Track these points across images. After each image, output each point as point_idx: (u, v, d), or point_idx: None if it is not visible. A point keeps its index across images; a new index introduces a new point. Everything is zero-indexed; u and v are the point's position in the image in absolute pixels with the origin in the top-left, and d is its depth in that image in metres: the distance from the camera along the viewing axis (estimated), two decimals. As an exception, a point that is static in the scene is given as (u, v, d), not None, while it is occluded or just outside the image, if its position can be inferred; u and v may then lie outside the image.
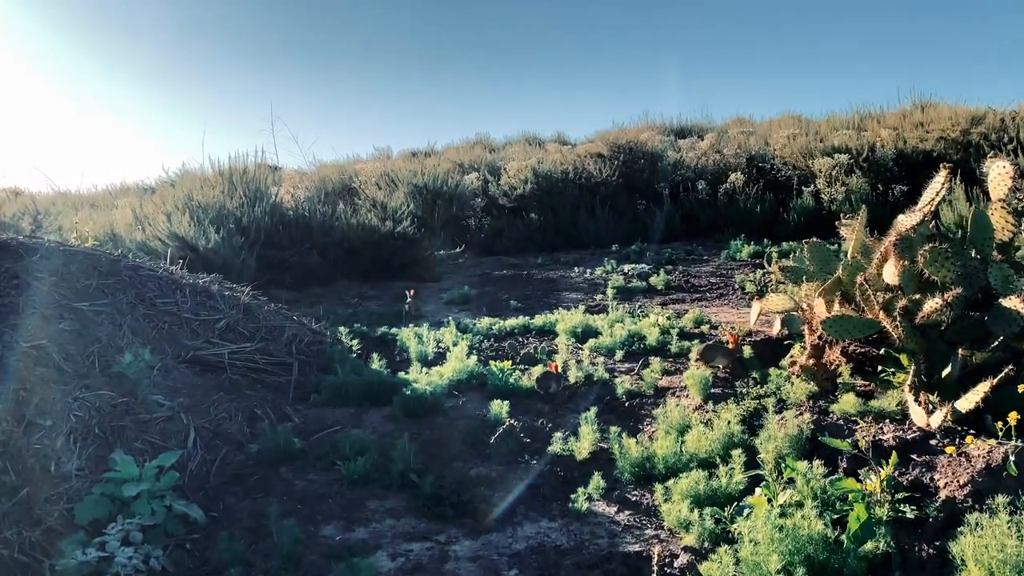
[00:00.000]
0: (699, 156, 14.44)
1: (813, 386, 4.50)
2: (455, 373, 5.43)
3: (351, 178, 14.66)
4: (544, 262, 11.16)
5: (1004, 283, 3.74)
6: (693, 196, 12.86)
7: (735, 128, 18.44)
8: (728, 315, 7.16)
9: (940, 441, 3.49)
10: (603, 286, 8.88)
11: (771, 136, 15.13)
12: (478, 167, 15.04)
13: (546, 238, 12.60)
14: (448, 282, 9.98)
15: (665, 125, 19.38)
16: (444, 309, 8.32)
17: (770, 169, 13.23)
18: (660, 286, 8.54)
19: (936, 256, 3.81)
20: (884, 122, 14.03)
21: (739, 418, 4.15)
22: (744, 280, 8.57)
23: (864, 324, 4.12)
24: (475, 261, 11.80)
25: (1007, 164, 4.04)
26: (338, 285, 10.00)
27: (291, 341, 5.83)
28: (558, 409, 5.04)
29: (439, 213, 12.54)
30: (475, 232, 12.75)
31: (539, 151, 16.76)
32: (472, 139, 22.48)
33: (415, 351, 6.09)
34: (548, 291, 8.97)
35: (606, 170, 13.57)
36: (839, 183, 11.81)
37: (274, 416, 4.91)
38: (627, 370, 5.59)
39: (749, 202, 12.17)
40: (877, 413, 4.03)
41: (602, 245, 12.30)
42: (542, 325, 6.95)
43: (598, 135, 16.99)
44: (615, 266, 9.90)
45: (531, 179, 13.27)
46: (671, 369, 5.49)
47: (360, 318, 7.85)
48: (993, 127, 11.48)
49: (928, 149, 11.76)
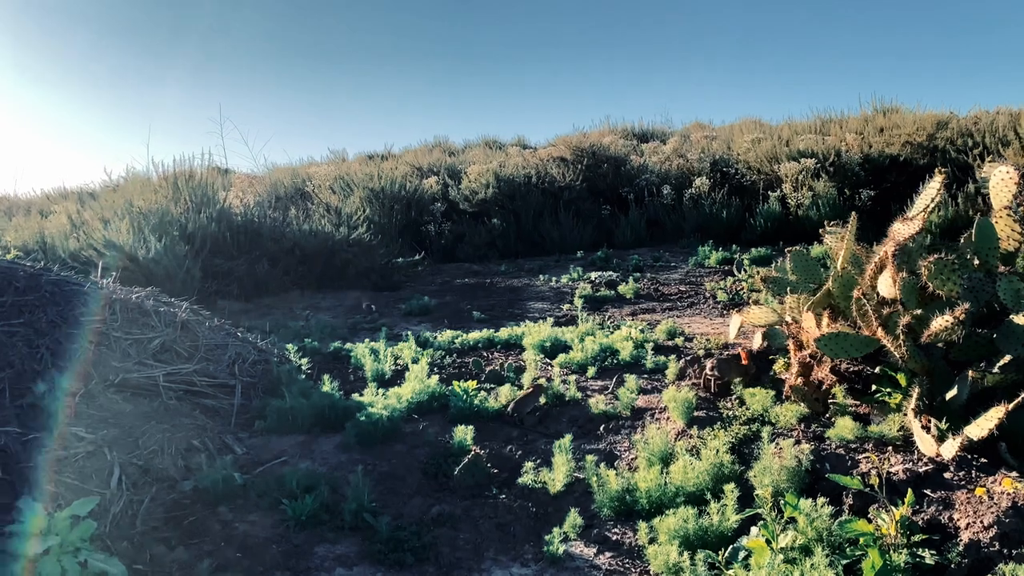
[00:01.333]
0: (663, 160, 14.17)
1: (804, 408, 4.15)
2: (415, 394, 4.98)
3: (304, 182, 14.07)
4: (507, 269, 10.74)
5: (1015, 297, 3.42)
6: (658, 201, 12.56)
7: (696, 132, 18.24)
8: (701, 326, 6.82)
9: (955, 474, 3.15)
10: (570, 295, 8.49)
11: (734, 141, 14.93)
12: (437, 171, 14.56)
13: (509, 244, 12.18)
14: (407, 291, 9.50)
15: (627, 129, 19.10)
16: (402, 321, 7.84)
17: (735, 174, 13.00)
18: (629, 295, 8.18)
19: (942, 268, 3.48)
20: (846, 127, 13.91)
21: (728, 446, 3.78)
22: (715, 288, 8.25)
23: (862, 342, 3.77)
24: (435, 268, 11.33)
25: (1010, 169, 3.73)
26: (290, 295, 9.45)
27: (234, 361, 5.32)
28: (528, 434, 4.62)
29: (397, 218, 12.04)
30: (435, 238, 12.27)
31: (500, 155, 16.35)
32: (431, 142, 21.99)
33: (371, 369, 5.62)
34: (513, 300, 8.55)
35: (569, 174, 13.21)
36: (805, 188, 11.61)
37: (213, 447, 4.40)
38: (601, 388, 5.19)
39: (715, 207, 11.91)
40: (877, 439, 3.68)
41: (566, 251, 11.93)
42: (508, 338, 6.52)
43: (559, 139, 16.64)
44: (581, 273, 9.52)
45: (493, 183, 12.84)
46: (648, 387, 5.11)
47: (312, 332, 7.34)
48: (958, 132, 11.38)
49: (894, 154, 11.63)
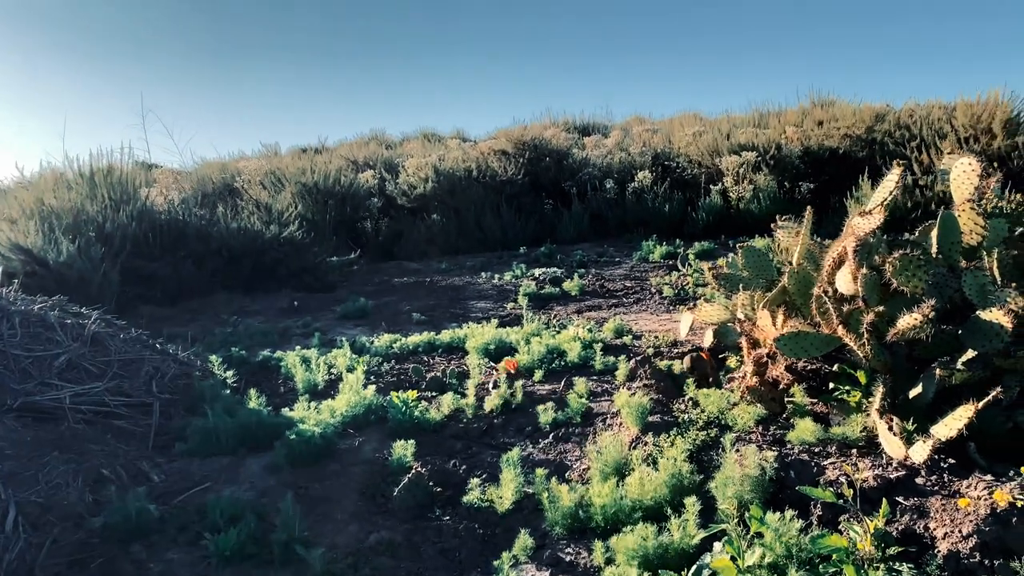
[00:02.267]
0: (605, 154, 14.00)
1: (761, 409, 3.95)
2: (350, 407, 4.63)
3: (234, 177, 13.46)
4: (448, 267, 10.40)
5: (981, 293, 3.27)
6: (601, 195, 12.38)
7: (636, 126, 18.17)
8: (648, 322, 6.62)
9: (927, 479, 2.97)
10: (514, 293, 8.21)
11: (674, 134, 14.87)
12: (374, 164, 14.12)
13: (449, 240, 11.84)
14: (342, 292, 9.09)
15: (568, 122, 18.93)
16: (337, 325, 7.45)
17: (676, 167, 12.90)
18: (574, 292, 7.94)
19: (907, 264, 3.30)
20: (784, 119, 13.97)
21: (687, 454, 3.54)
22: (660, 283, 8.08)
23: (823, 341, 3.58)
24: (372, 267, 10.92)
25: (972, 161, 3.58)
26: (217, 298, 8.94)
27: (152, 377, 4.89)
28: (473, 445, 4.32)
29: (331, 215, 11.57)
30: (372, 235, 11.84)
31: (439, 147, 15.98)
32: (367, 135, 21.46)
33: (302, 380, 5.24)
34: (454, 300, 8.23)
35: (511, 168, 12.93)
36: (746, 181, 11.56)
37: (127, 476, 3.98)
38: (549, 393, 4.93)
39: (658, 201, 11.78)
40: (840, 441, 3.50)
41: (509, 247, 11.65)
42: (450, 341, 6.20)
43: (500, 132, 16.34)
44: (525, 270, 9.25)
45: (432, 177, 12.47)
46: (598, 390, 4.86)
47: (240, 338, 6.90)
48: (895, 124, 11.48)
49: (833, 146, 11.67)
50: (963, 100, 10.56)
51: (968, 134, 10.17)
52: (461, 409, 4.67)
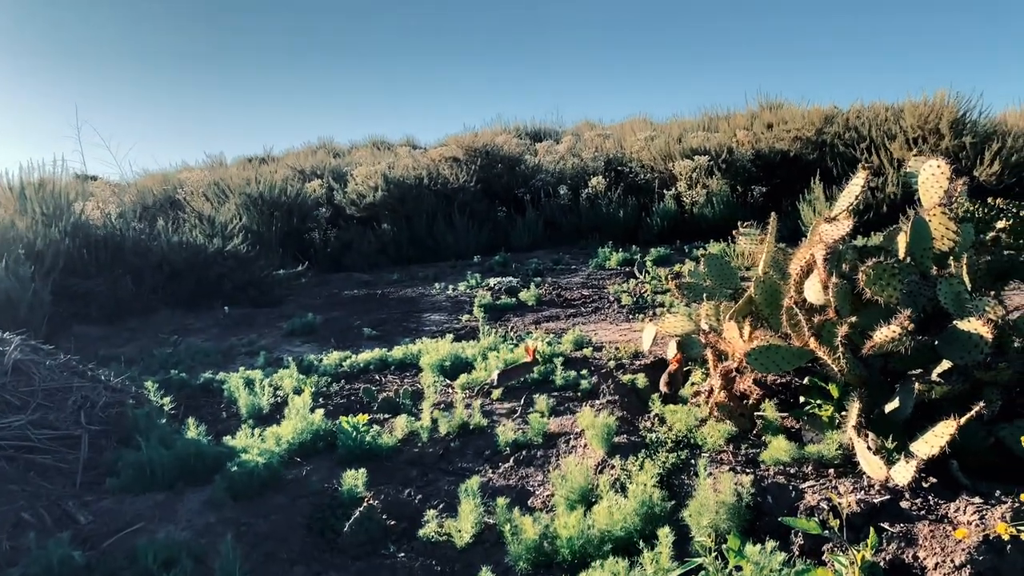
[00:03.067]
0: (557, 160, 13.85)
1: (731, 426, 3.78)
2: (296, 434, 4.34)
3: (176, 189, 12.96)
4: (400, 278, 10.11)
5: (956, 301, 3.14)
6: (555, 202, 12.22)
7: (587, 131, 18.10)
8: (608, 332, 6.44)
9: (912, 502, 2.82)
10: (469, 304, 7.97)
11: (625, 139, 14.81)
12: (321, 173, 13.74)
13: (401, 250, 11.55)
14: (289, 306, 8.74)
15: (519, 128, 18.76)
16: (284, 342, 7.11)
17: (629, 172, 12.82)
18: (531, 301, 7.74)
19: (881, 273, 3.15)
20: (733, 123, 13.99)
21: (657, 478, 3.34)
22: (619, 291, 7.92)
23: (795, 355, 3.42)
24: (321, 279, 10.56)
25: (941, 163, 3.46)
26: (158, 316, 8.52)
27: (81, 406, 4.52)
28: (428, 472, 4.07)
29: (278, 226, 11.19)
30: (320, 246, 11.48)
31: (389, 155, 15.66)
32: (315, 143, 21.02)
33: (246, 405, 4.93)
34: (407, 313, 7.95)
35: (463, 175, 12.69)
36: (700, 185, 11.52)
37: (50, 518, 3.63)
38: (508, 412, 4.70)
39: (612, 207, 11.66)
40: (816, 461, 3.34)
41: (462, 256, 11.41)
42: (403, 358, 5.93)
43: (450, 138, 16.10)
44: (480, 280, 9.02)
45: (382, 186, 12.16)
46: (560, 408, 4.64)
47: (181, 359, 6.53)
48: (844, 127, 11.55)
49: (784, 149, 11.70)
50: (910, 101, 10.67)
51: (917, 135, 10.26)
52: (416, 432, 4.42)
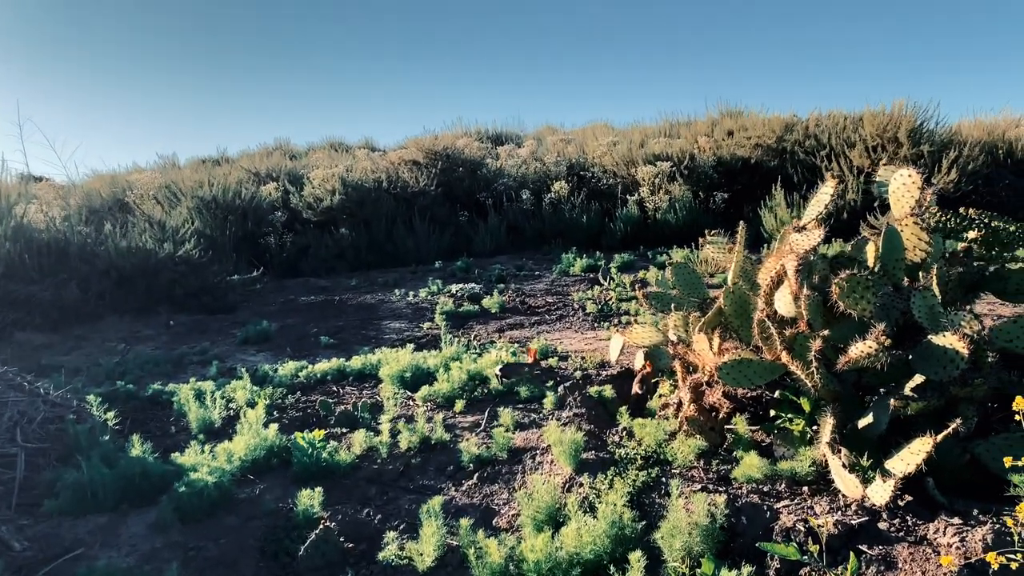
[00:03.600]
0: (520, 164, 13.74)
1: (701, 441, 3.68)
2: (249, 450, 4.13)
3: (125, 191, 12.54)
4: (359, 284, 9.88)
5: (931, 315, 3.07)
6: (517, 206, 12.10)
7: (549, 135, 18.03)
8: (573, 341, 6.33)
9: (890, 523, 2.73)
10: (430, 311, 7.79)
11: (587, 144, 14.76)
12: (277, 176, 13.43)
13: (359, 255, 11.31)
14: (244, 313, 8.46)
15: (480, 131, 18.61)
16: (238, 350, 6.86)
17: (592, 177, 12.75)
18: (494, 309, 7.59)
19: (855, 286, 3.07)
20: (695, 129, 14.04)
21: (627, 498, 3.21)
22: (583, 299, 7.82)
23: (767, 369, 3.33)
24: (277, 285, 10.28)
25: (912, 172, 3.40)
26: (105, 323, 8.20)
27: (17, 422, 4.25)
28: (388, 490, 3.89)
29: (232, 230, 10.87)
30: (276, 251, 11.19)
31: (347, 158, 15.39)
32: (271, 145, 20.61)
33: (196, 419, 4.70)
34: (366, 320, 7.75)
35: (423, 179, 12.49)
36: (662, 191, 11.50)
37: (-24, 544, 3.38)
38: (472, 426, 4.54)
39: (575, 212, 11.58)
40: (789, 478, 3.25)
41: (423, 261, 11.22)
42: (362, 368, 5.74)
43: (410, 141, 15.88)
44: (441, 286, 8.84)
45: (339, 189, 11.91)
46: (525, 421, 4.50)
47: (129, 369, 6.26)
48: (805, 134, 11.63)
49: (746, 156, 11.74)
50: (869, 110, 10.78)
51: (876, 143, 10.36)
52: (375, 448, 4.24)
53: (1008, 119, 11.92)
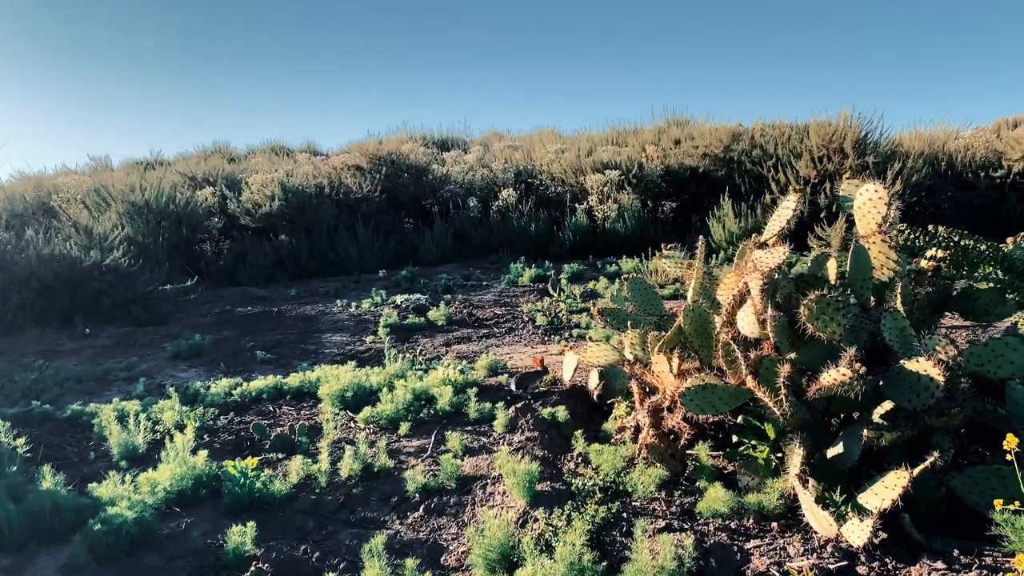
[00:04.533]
0: (467, 170, 13.50)
1: (662, 470, 3.50)
2: (175, 480, 3.80)
3: (51, 195, 11.89)
4: (299, 294, 9.50)
5: (901, 338, 2.94)
6: (464, 214, 11.85)
7: (495, 142, 17.84)
8: (524, 356, 6.11)
9: (869, 566, 2.57)
10: (373, 324, 7.49)
11: (535, 151, 14.61)
12: (214, 180, 12.92)
13: (300, 263, 10.92)
14: (176, 325, 8.03)
15: (426, 136, 18.31)
16: (168, 366, 6.46)
17: (540, 185, 12.59)
18: (441, 321, 7.33)
19: (824, 307, 2.92)
20: (641, 138, 14.01)
21: (586, 536, 3.00)
22: (533, 310, 7.62)
23: (732, 395, 3.16)
24: (213, 295, 9.83)
25: (879, 187, 3.28)
26: (24, 336, 7.67)
27: (-93, 450, 3.84)
28: (327, 523, 3.61)
29: (165, 237, 10.37)
30: (212, 259, 10.72)
31: (288, 162, 14.94)
32: (209, 148, 19.93)
33: (118, 444, 4.33)
34: (305, 333, 7.40)
35: (367, 184, 12.16)
36: (611, 200, 11.39)
37: None
38: (418, 450, 4.28)
39: (523, 220, 11.40)
40: (757, 512, 3.08)
41: (367, 270, 10.88)
42: (300, 386, 5.42)
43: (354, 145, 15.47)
44: (385, 297, 8.53)
45: (279, 194, 11.49)
46: (474, 445, 4.26)
47: (47, 386, 5.82)
48: (752, 144, 11.66)
49: (693, 166, 11.72)
50: (815, 121, 10.85)
51: (822, 154, 10.43)
52: (313, 476, 3.95)
53: (947, 131, 12.16)
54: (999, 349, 2.93)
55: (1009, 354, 2.90)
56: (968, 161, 10.82)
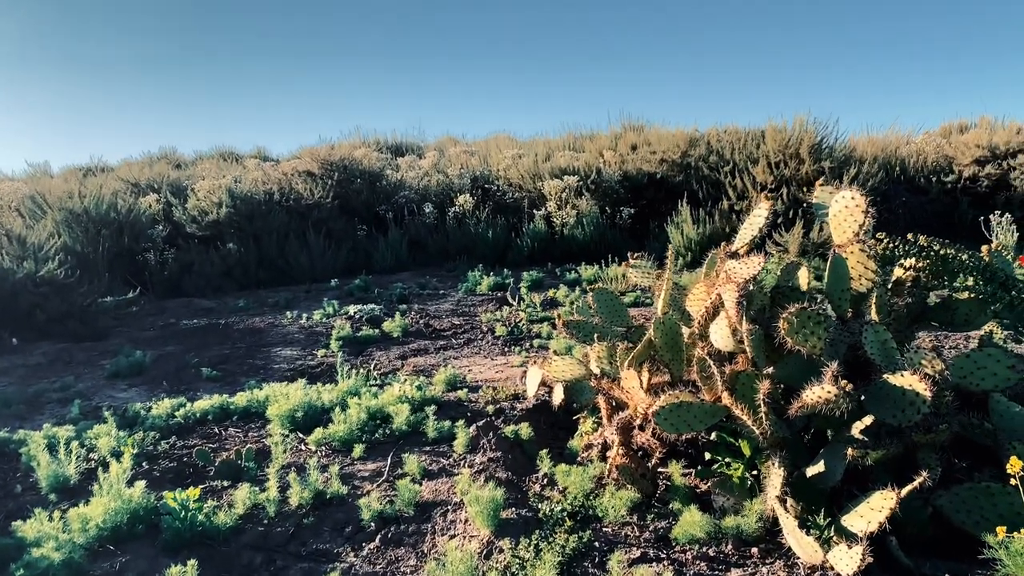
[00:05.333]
0: (421, 176, 13.24)
1: (634, 492, 3.32)
2: (109, 516, 3.49)
3: (-18, 203, 11.31)
4: (247, 305, 9.14)
5: (883, 351, 2.81)
6: (420, 220, 11.60)
7: (450, 147, 17.60)
8: (483, 368, 5.90)
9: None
10: (325, 336, 7.20)
11: (491, 156, 14.42)
12: (159, 187, 12.45)
13: (249, 273, 10.54)
14: (117, 340, 7.63)
15: (379, 141, 17.99)
16: (106, 385, 6.09)
17: (497, 191, 12.40)
18: (396, 333, 7.07)
19: (805, 321, 2.78)
20: (599, 143, 13.91)
21: (557, 568, 2.80)
22: (492, 320, 7.41)
23: (708, 413, 3.00)
24: (156, 307, 9.41)
25: (856, 195, 3.15)
26: (-50, 354, 7.21)
27: None
28: (276, 557, 3.35)
29: (105, 246, 9.91)
30: (156, 269, 10.28)
31: (237, 168, 14.51)
32: (155, 153, 19.32)
33: (47, 475, 4.00)
34: (254, 347, 7.08)
35: (319, 191, 11.82)
36: (569, 206, 11.25)
37: None
38: (373, 475, 4.03)
39: (480, 227, 11.19)
40: (735, 536, 2.92)
41: (319, 279, 10.55)
42: (247, 406, 5.13)
43: (305, 150, 15.09)
44: (337, 308, 8.24)
45: (227, 201, 11.10)
46: (434, 468, 4.03)
47: (-29, 410, 5.42)
48: (708, 149, 11.63)
49: (651, 171, 11.65)
50: (772, 126, 10.85)
51: (778, 159, 10.43)
52: (261, 506, 3.68)
53: (898, 136, 12.30)
54: (981, 361, 2.82)
55: (992, 366, 2.79)
56: (920, 166, 10.94)
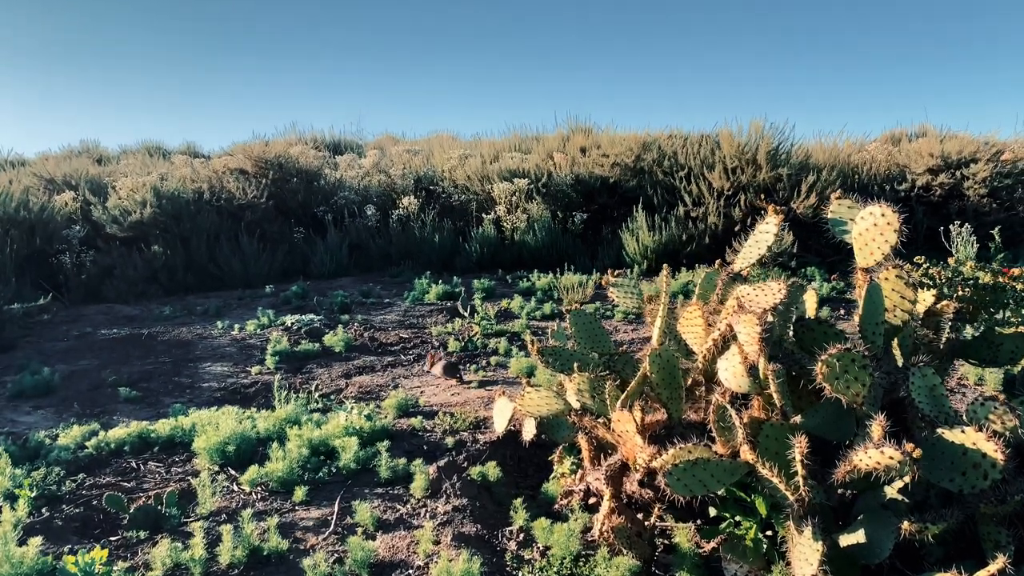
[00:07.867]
0: (362, 176, 12.60)
1: (631, 558, 2.86)
2: (-9, 587, 2.87)
3: None
4: (174, 312, 8.39)
5: (932, 399, 2.42)
6: (361, 223, 10.98)
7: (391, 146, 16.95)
8: (438, 391, 5.38)
9: None
10: (260, 350, 6.56)
11: (434, 156, 13.87)
12: (76, 184, 11.52)
13: (176, 278, 9.75)
14: (24, 353, 6.83)
15: (317, 139, 17.22)
16: (7, 408, 5.35)
17: (443, 193, 11.87)
18: (339, 347, 6.48)
19: (849, 365, 2.35)
20: (546, 145, 13.49)
21: (548, 656, 2.32)
22: (443, 333, 6.88)
23: (728, 471, 2.55)
24: (72, 314, 8.57)
25: (887, 211, 2.74)
26: None
27: None
28: (203, 636, 2.78)
29: (14, 248, 9.01)
30: (72, 272, 9.41)
31: (164, 164, 13.60)
32: (76, 147, 18.11)
33: (-83, 531, 3.32)
34: (180, 362, 6.39)
35: (252, 190, 11.08)
36: (520, 210, 10.80)
37: None
38: (318, 524, 3.48)
39: (426, 231, 10.63)
40: (754, 611, 2.49)
41: (252, 285, 9.83)
42: (171, 435, 4.49)
43: (238, 147, 14.24)
44: (273, 317, 7.58)
45: (152, 200, 10.27)
46: (389, 517, 3.50)
47: None
48: (661, 153, 11.33)
49: (604, 175, 11.28)
50: (727, 131, 10.60)
51: (735, 165, 10.18)
52: (184, 567, 3.09)
53: (850, 143, 12.23)
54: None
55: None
56: (874, 174, 10.85)
